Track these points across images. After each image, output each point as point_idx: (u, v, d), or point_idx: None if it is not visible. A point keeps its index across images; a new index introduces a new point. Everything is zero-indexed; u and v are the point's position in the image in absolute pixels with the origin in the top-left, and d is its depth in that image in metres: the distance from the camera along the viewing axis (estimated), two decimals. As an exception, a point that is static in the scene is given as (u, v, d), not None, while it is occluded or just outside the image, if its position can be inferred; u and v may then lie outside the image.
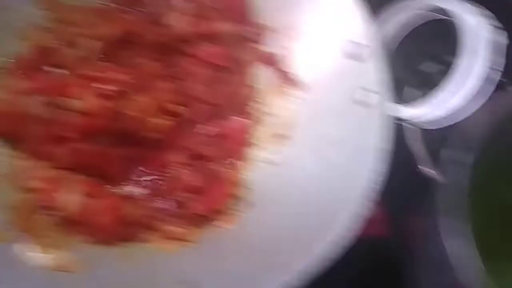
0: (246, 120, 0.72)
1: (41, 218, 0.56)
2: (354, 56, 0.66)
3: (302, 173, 0.66)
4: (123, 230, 0.59)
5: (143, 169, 0.65)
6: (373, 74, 0.65)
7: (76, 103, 0.60)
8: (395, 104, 0.69)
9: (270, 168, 0.69)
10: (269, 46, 0.74)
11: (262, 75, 0.74)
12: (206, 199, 0.64)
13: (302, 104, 0.71)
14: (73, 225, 0.57)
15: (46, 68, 0.64)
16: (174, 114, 0.68)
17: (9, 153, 0.60)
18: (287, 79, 0.73)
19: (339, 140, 0.65)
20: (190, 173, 0.65)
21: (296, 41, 0.72)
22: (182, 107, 0.69)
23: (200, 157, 0.68)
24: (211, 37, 0.71)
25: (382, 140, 0.62)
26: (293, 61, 0.73)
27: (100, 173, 0.62)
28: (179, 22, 0.70)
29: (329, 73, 0.68)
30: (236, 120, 0.72)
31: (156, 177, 0.65)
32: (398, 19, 0.75)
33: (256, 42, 0.74)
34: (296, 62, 0.73)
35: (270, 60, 0.74)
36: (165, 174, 0.65)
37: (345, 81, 0.66)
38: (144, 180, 0.65)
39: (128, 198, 0.62)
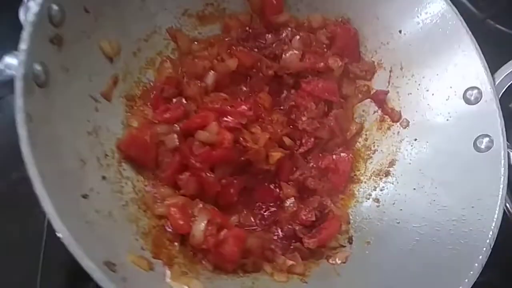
0: (352, 156, 0.74)
1: (170, 245, 0.59)
2: (473, 102, 0.66)
3: (413, 214, 0.66)
4: (244, 260, 0.61)
5: (260, 202, 0.67)
6: (492, 120, 0.64)
7: (203, 134, 0.63)
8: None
9: (375, 205, 0.71)
10: (379, 84, 0.75)
11: (369, 112, 0.76)
12: (318, 234, 0.65)
13: (410, 143, 0.72)
14: (202, 252, 0.59)
15: (175, 99, 0.67)
16: (287, 147, 0.70)
17: (136, 178, 0.64)
18: (394, 117, 0.74)
19: (455, 184, 0.64)
20: (304, 207, 0.66)
21: (405, 80, 0.73)
22: (292, 141, 0.71)
23: (308, 190, 0.70)
24: (324, 73, 0.73)
25: (499, 186, 0.61)
26: (400, 100, 0.74)
27: (219, 202, 0.65)
28: (295, 57, 0.72)
29: (444, 115, 0.69)
30: (343, 155, 0.73)
31: (272, 210, 0.67)
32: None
33: (365, 79, 0.76)
34: (403, 101, 0.74)
35: (378, 98, 0.75)
36: (280, 208, 0.67)
37: (463, 125, 0.66)
38: (261, 212, 0.67)
39: (247, 228, 0.64)
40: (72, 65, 0.55)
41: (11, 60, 0.48)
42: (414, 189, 0.69)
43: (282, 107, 0.74)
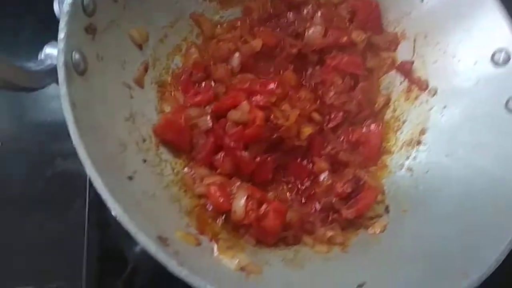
0: (381, 127, 0.74)
1: (213, 221, 0.61)
2: (501, 64, 0.65)
3: (448, 180, 0.66)
4: (285, 233, 0.62)
5: (295, 178, 0.68)
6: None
7: (235, 114, 0.64)
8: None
9: (409, 175, 0.71)
10: (403, 54, 0.75)
11: (396, 83, 0.76)
12: (355, 204, 0.66)
13: (439, 111, 0.72)
14: (244, 228, 0.60)
15: (203, 82, 0.68)
16: (316, 122, 0.71)
17: (174, 161, 0.65)
18: (421, 86, 0.74)
19: (490, 146, 0.64)
20: (338, 180, 0.67)
21: (430, 49, 0.73)
22: (321, 116, 0.72)
23: (341, 164, 0.71)
24: (348, 47, 0.73)
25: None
26: (427, 68, 0.74)
27: (255, 180, 0.66)
28: (318, 34, 0.73)
29: (473, 80, 0.68)
30: (373, 128, 0.73)
31: (307, 184, 0.68)
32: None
33: (389, 50, 0.76)
34: (430, 70, 0.73)
35: (404, 68, 0.75)
36: (315, 182, 0.68)
37: (493, 88, 0.66)
38: (297, 188, 0.68)
39: (286, 203, 0.65)
40: (105, 53, 0.57)
41: (51, 50, 0.50)
42: (447, 155, 0.68)
43: (308, 85, 0.74)
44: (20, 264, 0.72)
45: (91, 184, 0.74)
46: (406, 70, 0.75)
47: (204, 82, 0.69)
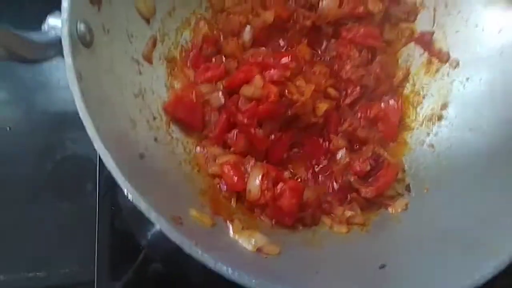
0: (401, 102, 0.71)
1: (228, 202, 0.58)
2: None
3: (472, 156, 0.63)
4: (302, 213, 0.59)
5: (311, 156, 0.65)
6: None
7: (248, 89, 0.61)
8: None
9: (431, 151, 0.68)
10: (423, 25, 0.71)
11: (415, 56, 0.72)
12: (375, 183, 0.63)
13: (462, 84, 0.68)
14: (259, 208, 0.58)
15: (214, 58, 0.65)
16: (332, 98, 0.68)
17: (185, 140, 0.63)
18: (442, 58, 0.70)
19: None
20: (356, 157, 0.64)
21: (451, 18, 0.69)
22: (338, 92, 0.69)
23: (359, 141, 0.68)
24: (364, 18, 0.70)
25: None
26: (447, 39, 0.70)
27: (269, 158, 0.64)
28: (333, 4, 0.69)
29: (497, 49, 0.64)
30: (391, 103, 0.70)
31: (324, 163, 0.65)
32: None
33: (408, 21, 0.72)
34: (451, 41, 0.70)
35: (423, 40, 0.71)
36: (332, 160, 0.65)
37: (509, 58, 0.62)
38: (313, 166, 0.65)
39: (303, 182, 0.63)
40: (112, 26, 0.54)
41: (55, 21, 0.47)
42: (471, 129, 0.65)
43: (323, 58, 0.71)
44: (32, 250, 0.71)
45: (101, 168, 0.74)
46: (426, 41, 0.71)
47: (214, 57, 0.66)
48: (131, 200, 0.42)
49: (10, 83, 0.82)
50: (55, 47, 0.45)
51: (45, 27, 0.47)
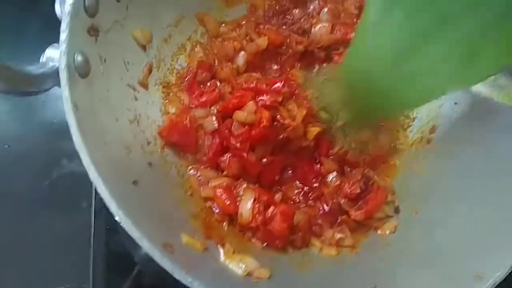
0: (391, 124, 0.72)
1: (220, 225, 0.60)
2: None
3: (457, 177, 0.65)
4: (292, 236, 0.61)
5: (302, 179, 0.67)
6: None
7: (241, 114, 0.63)
8: None
9: (419, 174, 0.69)
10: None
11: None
12: (364, 205, 0.65)
13: (450, 107, 0.70)
14: (250, 231, 0.59)
15: (208, 83, 0.67)
16: (324, 122, 0.69)
17: (179, 163, 0.64)
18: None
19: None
20: (347, 180, 0.66)
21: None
22: (329, 115, 0.70)
23: (349, 164, 0.69)
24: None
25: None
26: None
27: (261, 181, 0.65)
28: (325, 30, 0.71)
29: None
30: (381, 126, 0.72)
31: (315, 185, 0.67)
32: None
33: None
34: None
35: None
36: (323, 183, 0.67)
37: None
38: (304, 189, 0.66)
39: (293, 204, 0.64)
40: (109, 55, 0.55)
41: (52, 52, 0.49)
42: (459, 152, 0.66)
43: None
44: (27, 266, 0.72)
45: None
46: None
47: (209, 82, 0.68)
48: (123, 228, 0.43)
49: (9, 102, 0.84)
50: (52, 79, 0.47)
51: (43, 58, 0.49)
